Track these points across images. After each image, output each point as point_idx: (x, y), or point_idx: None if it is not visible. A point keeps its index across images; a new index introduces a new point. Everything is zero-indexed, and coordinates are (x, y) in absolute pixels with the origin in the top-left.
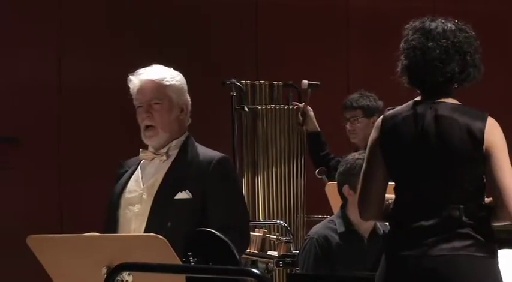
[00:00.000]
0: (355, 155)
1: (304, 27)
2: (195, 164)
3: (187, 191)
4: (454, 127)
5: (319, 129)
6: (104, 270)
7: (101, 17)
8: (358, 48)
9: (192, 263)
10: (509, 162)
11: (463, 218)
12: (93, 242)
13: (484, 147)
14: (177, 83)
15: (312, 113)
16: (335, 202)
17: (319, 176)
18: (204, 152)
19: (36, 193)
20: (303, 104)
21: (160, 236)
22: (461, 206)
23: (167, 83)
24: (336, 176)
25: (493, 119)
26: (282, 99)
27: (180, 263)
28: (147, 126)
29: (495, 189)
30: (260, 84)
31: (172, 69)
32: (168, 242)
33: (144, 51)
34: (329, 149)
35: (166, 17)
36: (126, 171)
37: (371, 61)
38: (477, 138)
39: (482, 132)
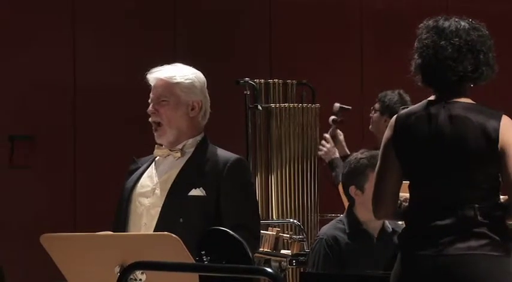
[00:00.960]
0: (358, 155)
1: (318, 26)
2: (210, 163)
3: (201, 188)
4: (469, 126)
5: (348, 152)
6: (117, 269)
7: (116, 17)
8: (371, 47)
9: (206, 262)
10: None
11: (478, 217)
12: (106, 241)
13: (498, 146)
14: (187, 81)
15: (341, 137)
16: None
17: (333, 124)
18: (220, 152)
19: (51, 192)
20: (333, 127)
21: (173, 235)
22: (476, 205)
23: (175, 81)
24: (341, 177)
25: (508, 118)
26: (295, 98)
27: (194, 261)
28: (156, 125)
29: (509, 187)
30: (274, 83)
31: (191, 68)
32: (181, 241)
33: (158, 51)
34: None
35: (181, 17)
36: (139, 167)
37: (385, 60)
38: (492, 138)
39: (496, 131)
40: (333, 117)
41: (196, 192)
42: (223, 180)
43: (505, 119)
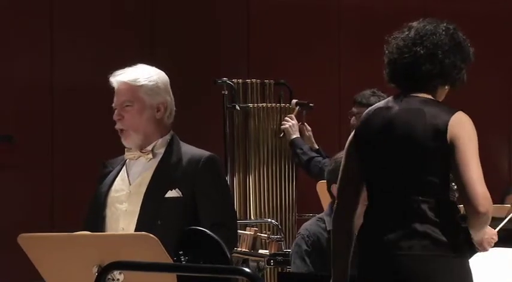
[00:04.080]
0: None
1: (296, 26)
2: (183, 162)
3: (177, 189)
4: (419, 118)
5: (317, 147)
6: (95, 269)
7: (93, 17)
8: (349, 47)
9: (183, 262)
10: (475, 156)
11: (422, 212)
12: (84, 241)
13: (448, 139)
14: (151, 84)
15: (309, 133)
16: (326, 201)
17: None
18: (191, 150)
19: (28, 191)
20: (300, 123)
21: (151, 235)
22: (420, 198)
23: (139, 84)
24: (325, 174)
25: (464, 115)
26: (273, 98)
27: (171, 261)
28: (121, 130)
29: (459, 184)
30: (251, 83)
31: (153, 68)
32: (159, 241)
33: (136, 50)
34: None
35: (159, 16)
36: (110, 171)
37: (362, 60)
38: (441, 130)
39: (446, 123)
40: (296, 100)
41: (172, 193)
42: (197, 178)
43: (459, 114)
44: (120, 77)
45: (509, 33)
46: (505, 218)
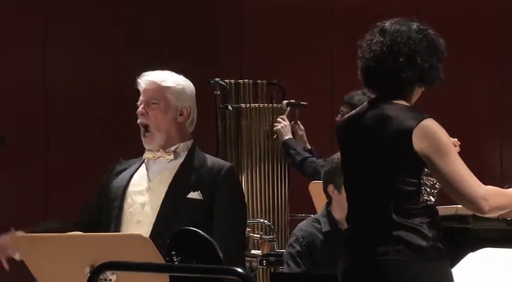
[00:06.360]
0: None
1: (289, 26)
2: (205, 168)
3: (199, 191)
4: (386, 124)
5: (309, 147)
6: (88, 269)
7: (86, 17)
8: (342, 47)
9: (176, 262)
10: (456, 161)
11: (394, 218)
12: (77, 241)
13: (415, 148)
14: (178, 87)
15: (301, 133)
16: (319, 201)
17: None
18: (212, 159)
19: (22, 192)
20: (292, 122)
21: (144, 236)
22: (392, 205)
23: (166, 85)
24: (322, 174)
25: (431, 122)
26: (266, 98)
27: (164, 262)
28: (144, 130)
29: (453, 194)
30: (244, 83)
31: (181, 76)
32: (152, 242)
33: (129, 50)
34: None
35: (151, 16)
36: (126, 168)
37: (355, 60)
38: (404, 136)
39: (410, 130)
40: (286, 101)
41: (194, 195)
42: (218, 186)
43: (426, 121)
44: (149, 77)
45: (501, 33)
46: None
